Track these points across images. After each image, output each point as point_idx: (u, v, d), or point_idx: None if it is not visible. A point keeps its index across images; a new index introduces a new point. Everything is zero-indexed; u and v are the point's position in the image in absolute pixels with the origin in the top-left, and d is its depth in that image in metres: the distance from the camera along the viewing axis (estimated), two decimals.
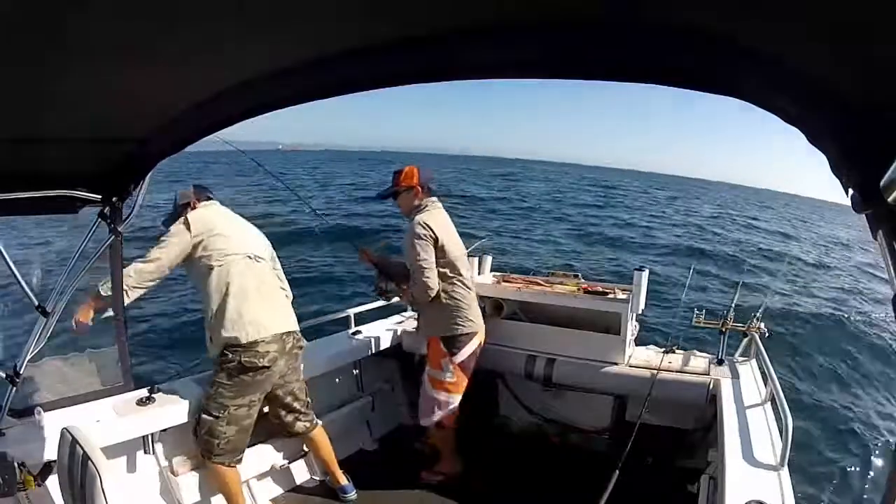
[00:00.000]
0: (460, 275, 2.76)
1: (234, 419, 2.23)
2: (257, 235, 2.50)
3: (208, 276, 2.23)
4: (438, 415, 2.80)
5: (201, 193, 2.43)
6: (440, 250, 2.69)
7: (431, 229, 2.67)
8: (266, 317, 2.26)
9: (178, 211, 2.35)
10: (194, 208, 2.35)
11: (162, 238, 2.24)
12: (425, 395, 2.82)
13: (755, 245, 17.27)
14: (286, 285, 2.54)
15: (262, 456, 2.62)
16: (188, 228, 2.24)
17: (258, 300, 2.26)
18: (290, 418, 2.51)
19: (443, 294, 2.71)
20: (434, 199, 2.80)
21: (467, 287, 2.79)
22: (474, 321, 2.77)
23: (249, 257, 2.32)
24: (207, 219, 2.31)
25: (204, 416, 2.22)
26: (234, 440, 2.25)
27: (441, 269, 2.68)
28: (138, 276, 2.18)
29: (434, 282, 2.66)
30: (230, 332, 2.19)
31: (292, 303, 2.54)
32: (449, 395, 2.78)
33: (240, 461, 2.30)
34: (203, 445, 2.23)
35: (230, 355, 2.20)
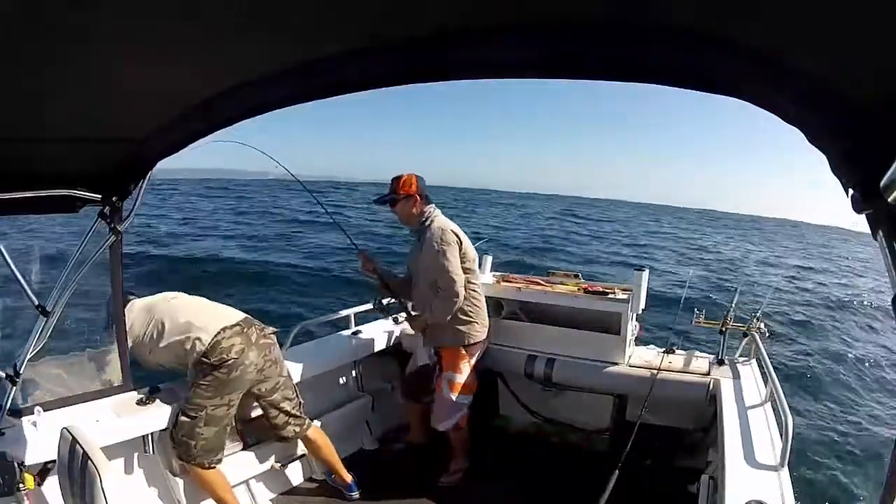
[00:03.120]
0: (476, 278, 2.75)
1: (212, 419, 2.22)
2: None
3: (158, 338, 2.30)
4: (457, 417, 2.79)
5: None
6: (463, 256, 2.64)
7: (456, 234, 2.63)
8: (208, 318, 2.32)
9: None
10: None
11: None
12: (444, 400, 2.77)
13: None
14: None
15: (262, 456, 2.61)
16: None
17: (196, 312, 2.35)
18: (280, 420, 2.47)
19: (467, 301, 2.67)
20: (433, 206, 2.76)
21: (480, 292, 2.80)
22: (486, 325, 2.81)
23: (168, 294, 2.48)
24: (130, 317, 2.35)
25: (182, 418, 2.20)
26: (212, 440, 2.24)
27: (465, 275, 2.64)
28: None
29: (462, 294, 2.60)
30: (194, 349, 2.23)
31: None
32: (467, 396, 2.79)
33: (219, 461, 2.29)
34: (180, 448, 2.22)
35: (204, 361, 2.22)
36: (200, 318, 2.31)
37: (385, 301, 3.06)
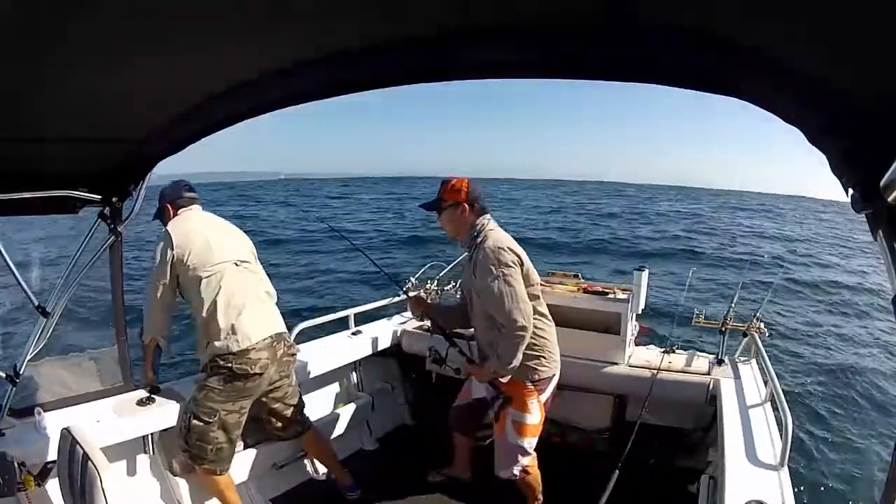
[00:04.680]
0: (541, 304, 2.31)
1: (225, 425, 2.21)
2: (239, 237, 2.44)
3: (196, 287, 2.20)
4: (522, 463, 2.40)
5: (181, 197, 2.36)
6: (526, 278, 2.18)
7: (516, 253, 2.18)
8: (254, 324, 2.23)
9: (161, 212, 2.36)
10: (174, 215, 2.33)
11: (151, 267, 2.22)
12: (507, 445, 2.37)
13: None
14: (270, 287, 2.48)
15: (262, 456, 2.61)
16: (171, 245, 2.19)
17: (246, 309, 2.23)
18: (278, 424, 2.49)
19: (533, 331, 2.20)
20: (488, 217, 2.30)
21: (549, 319, 2.35)
22: (557, 357, 2.37)
23: (235, 264, 2.29)
24: (187, 229, 2.25)
25: (194, 421, 2.17)
26: (226, 448, 2.23)
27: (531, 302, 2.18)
28: (156, 320, 2.22)
29: (530, 329, 2.12)
30: (222, 342, 2.16)
31: (278, 303, 2.50)
32: (534, 438, 2.37)
33: (227, 469, 2.28)
34: (195, 451, 2.19)
35: (221, 362, 2.17)
36: (248, 317, 2.21)
37: (441, 352, 2.64)
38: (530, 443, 2.37)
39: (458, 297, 2.69)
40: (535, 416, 2.33)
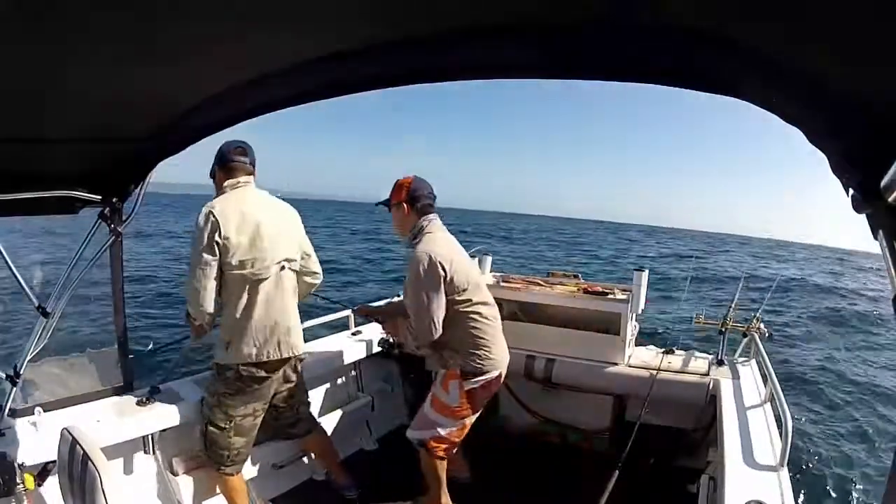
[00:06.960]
0: (478, 305, 2.35)
1: (240, 429, 2.24)
2: (290, 227, 2.30)
3: (237, 288, 2.12)
4: (426, 434, 2.47)
5: (232, 161, 2.14)
6: (450, 284, 2.25)
7: (438, 263, 2.21)
8: (282, 339, 2.23)
9: (214, 172, 2.19)
10: (221, 180, 2.16)
11: (193, 249, 2.08)
12: (422, 412, 2.53)
13: None
14: (315, 269, 2.42)
15: (262, 456, 2.62)
16: (218, 233, 2.03)
17: (278, 324, 2.21)
18: (289, 421, 2.51)
19: (461, 331, 2.32)
20: (433, 216, 2.35)
21: (487, 319, 2.38)
22: (496, 358, 2.39)
23: (282, 267, 2.19)
24: (237, 216, 2.08)
25: (211, 428, 2.21)
26: (243, 450, 2.28)
27: (455, 307, 2.28)
28: (202, 309, 2.09)
29: (437, 327, 2.25)
30: (247, 351, 2.16)
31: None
32: (445, 419, 2.43)
33: (240, 470, 2.33)
34: (214, 458, 2.25)
35: (229, 370, 2.19)
36: (278, 331, 2.20)
37: (391, 340, 3.04)
38: (438, 419, 2.42)
39: None
40: (450, 398, 2.39)
